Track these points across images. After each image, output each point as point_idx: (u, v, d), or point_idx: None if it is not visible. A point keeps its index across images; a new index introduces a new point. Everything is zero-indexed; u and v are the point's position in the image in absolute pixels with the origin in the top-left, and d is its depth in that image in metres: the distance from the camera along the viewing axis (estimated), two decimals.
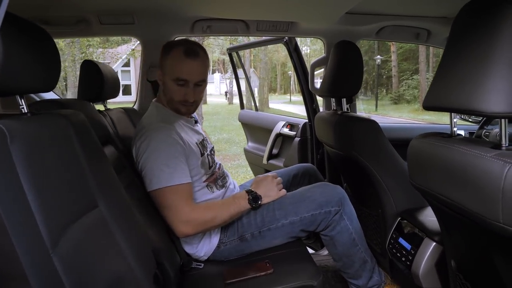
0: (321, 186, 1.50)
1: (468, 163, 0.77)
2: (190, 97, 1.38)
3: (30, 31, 0.87)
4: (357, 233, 1.47)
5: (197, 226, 1.30)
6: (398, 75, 19.94)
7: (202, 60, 1.38)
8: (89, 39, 12.26)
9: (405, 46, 19.15)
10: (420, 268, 1.31)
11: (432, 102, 0.90)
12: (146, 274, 1.05)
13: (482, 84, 0.73)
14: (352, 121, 1.56)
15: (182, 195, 1.28)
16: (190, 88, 1.37)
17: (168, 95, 1.41)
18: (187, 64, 1.34)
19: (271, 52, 21.78)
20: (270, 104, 19.46)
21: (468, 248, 1.00)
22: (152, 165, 1.28)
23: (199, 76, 1.37)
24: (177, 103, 1.40)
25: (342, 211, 1.43)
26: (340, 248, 1.46)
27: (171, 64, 1.36)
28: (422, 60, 17.83)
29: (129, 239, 1.02)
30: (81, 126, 1.01)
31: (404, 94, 19.16)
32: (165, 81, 1.39)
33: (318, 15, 1.80)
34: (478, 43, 0.76)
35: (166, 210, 1.29)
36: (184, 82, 1.36)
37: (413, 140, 1.01)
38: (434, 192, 0.92)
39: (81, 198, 0.91)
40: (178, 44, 1.37)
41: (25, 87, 0.85)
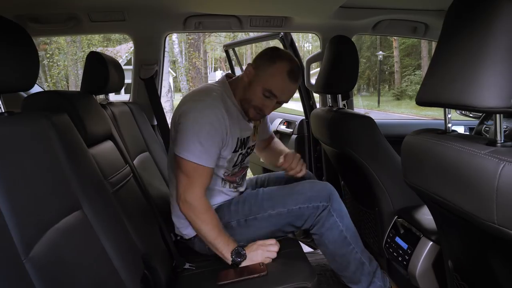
0: (310, 181, 1.48)
1: (461, 161, 0.74)
2: (267, 110, 1.40)
3: (6, 29, 0.84)
4: (349, 231, 1.42)
5: (189, 213, 1.31)
6: (400, 70, 19.87)
7: (297, 85, 1.40)
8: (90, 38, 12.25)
9: (407, 42, 19.06)
10: (417, 268, 1.27)
11: (425, 97, 0.87)
12: (132, 277, 1.02)
13: (476, 78, 0.70)
14: (347, 118, 1.53)
15: (201, 176, 1.31)
16: (272, 103, 1.38)
17: (248, 96, 1.39)
18: (286, 84, 1.36)
19: None
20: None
21: (464, 249, 0.97)
22: (189, 135, 1.29)
23: (287, 98, 1.41)
24: (252, 108, 1.40)
25: (331, 207, 1.40)
26: (331, 246, 1.42)
27: (271, 75, 1.34)
28: (425, 55, 17.74)
29: (114, 241, 1.00)
30: (64, 128, 0.99)
31: (407, 90, 19.07)
32: (254, 83, 1.37)
33: (312, 9, 1.76)
34: (472, 36, 0.73)
35: (183, 177, 1.31)
36: (271, 95, 1.36)
37: (407, 137, 0.97)
38: (428, 191, 0.89)
39: (62, 200, 0.88)
40: (285, 58, 1.36)
41: (3, 86, 0.82)
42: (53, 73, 12.48)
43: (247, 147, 1.53)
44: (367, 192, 1.59)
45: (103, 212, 1.01)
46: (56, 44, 12.23)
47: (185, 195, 1.30)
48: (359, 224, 1.84)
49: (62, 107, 1.12)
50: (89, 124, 1.19)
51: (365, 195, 1.65)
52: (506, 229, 0.65)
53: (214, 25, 1.90)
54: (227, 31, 2.35)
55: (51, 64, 12.34)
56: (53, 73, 12.49)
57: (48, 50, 12.20)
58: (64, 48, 12.65)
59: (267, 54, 1.38)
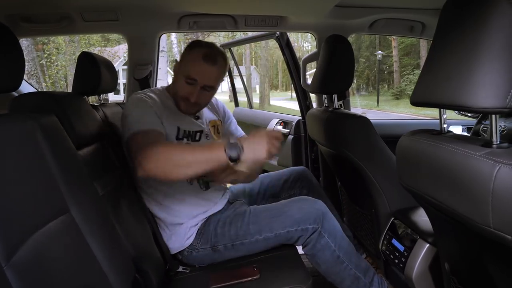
0: (299, 200, 1.41)
1: (456, 163, 0.72)
2: (192, 97, 1.38)
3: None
4: (342, 249, 1.36)
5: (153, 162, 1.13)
6: (399, 70, 19.84)
7: (217, 68, 1.39)
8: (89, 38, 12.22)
9: (406, 41, 19.04)
10: (414, 271, 1.25)
11: (419, 97, 0.85)
12: (122, 281, 1.00)
13: (470, 77, 0.68)
14: (343, 118, 1.51)
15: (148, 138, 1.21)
16: (196, 89, 1.38)
17: (175, 88, 1.43)
18: (202, 67, 1.37)
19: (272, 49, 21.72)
20: (272, 101, 19.41)
21: (461, 251, 0.95)
22: (127, 119, 1.30)
23: (209, 81, 1.39)
24: (180, 98, 1.42)
25: (321, 229, 1.33)
26: (324, 266, 1.38)
27: (188, 61, 1.39)
28: (424, 55, 17.68)
29: (103, 244, 0.98)
30: (51, 129, 0.96)
31: (406, 89, 19.03)
32: (178, 75, 1.42)
33: (307, 9, 1.74)
34: (466, 34, 0.72)
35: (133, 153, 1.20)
36: (192, 81, 1.37)
37: (401, 138, 0.96)
38: (422, 193, 0.87)
39: (48, 204, 0.86)
40: (202, 45, 1.41)
41: None
42: (51, 73, 12.45)
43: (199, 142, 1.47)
44: (364, 193, 1.57)
45: (92, 215, 0.99)
46: (54, 44, 12.19)
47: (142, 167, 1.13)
48: (356, 226, 1.82)
49: (50, 109, 1.10)
50: (78, 126, 1.17)
51: (361, 196, 1.63)
52: (502, 233, 0.63)
53: (209, 25, 1.88)
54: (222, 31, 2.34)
55: (49, 64, 12.30)
56: (51, 73, 12.46)
57: (46, 50, 12.17)
58: (63, 48, 12.62)
59: (188, 47, 1.44)
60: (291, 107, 14.76)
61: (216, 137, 1.56)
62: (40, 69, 12.04)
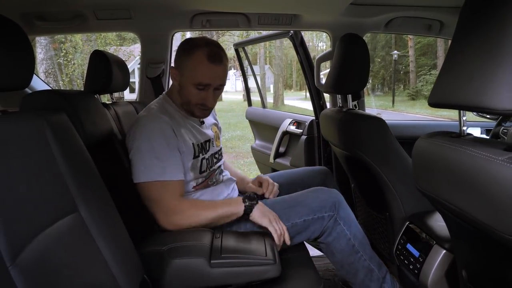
0: (315, 190, 1.42)
1: (476, 167, 0.69)
2: (209, 102, 1.34)
3: (1, 26, 0.81)
4: (357, 239, 1.37)
5: (180, 224, 1.25)
6: (415, 70, 19.56)
7: (224, 65, 1.33)
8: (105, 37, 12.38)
9: (423, 41, 18.75)
10: (429, 278, 1.21)
11: (438, 98, 0.82)
12: (131, 282, 0.99)
13: (493, 78, 0.65)
14: (357, 119, 1.47)
15: (172, 191, 1.24)
16: (210, 93, 1.33)
17: (185, 98, 1.35)
18: (211, 70, 1.29)
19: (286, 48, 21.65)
20: (286, 101, 19.35)
21: (479, 259, 0.92)
22: (143, 155, 1.24)
23: (221, 80, 1.33)
24: (194, 106, 1.35)
25: (337, 216, 1.34)
26: (339, 255, 1.37)
27: (192, 68, 1.29)
28: (441, 55, 17.41)
29: (112, 245, 0.97)
30: (60, 127, 0.96)
31: (422, 90, 18.76)
32: (183, 83, 1.33)
33: (321, 7, 1.71)
34: (488, 34, 0.68)
35: (152, 203, 1.25)
36: (205, 86, 1.31)
37: (418, 140, 0.92)
38: (440, 198, 0.84)
39: (56, 203, 0.85)
40: (200, 45, 1.29)
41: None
42: (68, 71, 12.66)
43: (212, 153, 1.46)
44: (378, 196, 1.53)
45: (101, 215, 0.98)
46: (71, 43, 12.40)
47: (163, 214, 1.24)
48: (369, 229, 1.78)
49: (60, 107, 1.10)
50: (88, 124, 1.17)
51: (375, 199, 1.59)
52: None
53: (222, 23, 1.86)
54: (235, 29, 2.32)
55: (66, 62, 12.52)
56: (68, 71, 12.67)
57: (63, 49, 12.38)
58: (80, 46, 12.81)
59: (183, 50, 1.32)
60: (305, 107, 14.70)
61: (217, 143, 1.54)
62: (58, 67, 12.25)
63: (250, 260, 1.16)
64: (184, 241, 1.21)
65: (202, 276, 1.14)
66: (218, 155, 1.52)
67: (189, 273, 1.15)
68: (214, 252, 1.16)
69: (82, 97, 1.23)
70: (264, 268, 1.15)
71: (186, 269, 1.15)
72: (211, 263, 1.13)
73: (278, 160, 2.56)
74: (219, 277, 1.15)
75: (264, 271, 1.16)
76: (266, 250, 1.19)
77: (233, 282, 1.17)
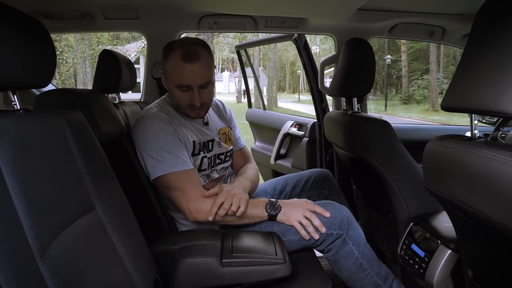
0: (324, 205, 1.40)
1: (492, 169, 0.71)
2: (196, 101, 1.32)
3: (24, 24, 0.82)
4: (365, 257, 1.36)
5: (207, 216, 1.26)
6: (408, 75, 19.76)
7: (203, 61, 1.30)
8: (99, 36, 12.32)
9: (415, 46, 18.96)
10: (435, 277, 1.24)
11: (451, 102, 0.84)
12: (146, 281, 1.00)
13: (509, 84, 0.67)
14: (363, 122, 1.50)
15: (189, 179, 1.27)
16: (195, 92, 1.32)
17: (174, 101, 1.37)
18: (187, 69, 1.28)
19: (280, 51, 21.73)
20: (279, 103, 19.41)
21: (487, 259, 0.94)
22: (151, 152, 1.26)
23: (202, 79, 1.31)
24: (185, 108, 1.36)
25: (346, 235, 1.32)
26: (346, 273, 1.37)
27: (171, 70, 1.31)
28: (433, 60, 17.62)
29: (127, 243, 0.97)
30: (78, 125, 0.96)
31: (414, 94, 18.98)
32: (169, 87, 1.36)
33: (329, 11, 1.73)
34: (506, 40, 0.70)
35: (175, 194, 1.27)
36: (187, 87, 1.31)
37: (429, 143, 0.95)
38: (452, 199, 0.86)
39: (76, 201, 0.86)
40: (176, 46, 1.29)
41: (18, 83, 0.80)
42: (62, 70, 12.57)
43: (216, 153, 1.47)
44: (382, 198, 1.55)
45: (116, 214, 0.99)
46: (65, 42, 12.31)
47: (190, 207, 1.26)
48: (371, 230, 1.81)
49: (75, 105, 1.10)
50: (102, 123, 1.18)
51: (379, 200, 1.62)
52: None
53: (229, 25, 1.88)
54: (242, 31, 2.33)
55: (60, 61, 12.42)
56: (62, 70, 12.58)
57: (57, 48, 12.30)
58: (73, 45, 12.72)
59: (163, 54, 1.34)
60: (299, 110, 14.77)
61: (227, 145, 1.54)
62: None
63: (261, 259, 1.17)
64: (195, 240, 1.23)
65: (214, 275, 1.15)
66: (224, 157, 1.52)
67: (201, 272, 1.16)
68: (225, 252, 1.18)
69: (95, 96, 1.24)
70: (275, 267, 1.17)
71: (198, 268, 1.16)
72: (223, 262, 1.15)
73: (279, 162, 2.58)
74: (230, 276, 1.16)
75: (275, 270, 1.17)
76: (276, 249, 1.21)
77: (244, 281, 1.18)
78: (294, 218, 1.31)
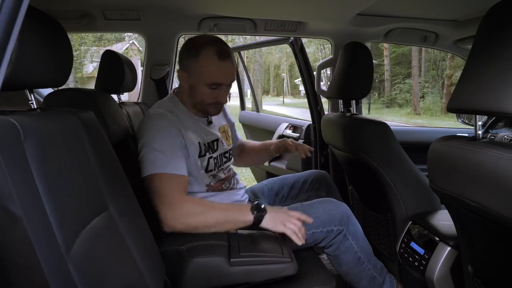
0: (325, 202, 1.43)
1: (499, 167, 0.75)
2: (223, 98, 1.34)
3: (40, 22, 0.82)
4: (363, 251, 1.42)
5: (185, 221, 1.19)
6: (390, 79, 20.07)
7: (233, 60, 1.32)
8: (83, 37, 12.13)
9: (397, 51, 19.31)
10: (435, 273, 1.28)
11: (457, 105, 0.88)
12: (156, 281, 1.00)
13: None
14: (363, 124, 1.54)
15: (175, 185, 1.20)
16: (223, 90, 1.33)
17: (197, 98, 1.34)
18: (221, 67, 1.28)
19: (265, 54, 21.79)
20: (264, 106, 19.46)
21: (489, 254, 0.98)
22: (147, 150, 1.22)
23: (233, 77, 1.33)
24: (207, 105, 1.35)
25: (346, 231, 1.37)
26: (345, 267, 1.42)
27: (202, 68, 1.27)
28: (415, 64, 17.98)
29: (139, 244, 0.97)
30: (90, 124, 0.96)
31: (396, 98, 19.29)
32: (194, 85, 1.32)
33: (328, 15, 1.77)
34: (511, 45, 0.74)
35: (155, 196, 1.19)
36: (217, 85, 1.30)
37: (434, 143, 0.98)
38: (460, 196, 0.90)
39: (92, 200, 0.86)
40: (207, 44, 1.27)
41: (36, 82, 0.80)
42: None
43: (221, 152, 1.47)
44: (380, 198, 1.59)
45: (128, 213, 0.99)
46: None
47: (167, 211, 1.17)
48: (367, 230, 1.84)
49: (86, 105, 1.10)
50: (111, 123, 1.18)
51: (377, 200, 1.66)
52: None
53: (229, 28, 1.90)
54: (242, 34, 2.35)
55: None
56: None
57: None
58: None
59: (188, 51, 1.30)
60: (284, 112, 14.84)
61: (227, 143, 1.55)
62: None
63: (268, 258, 1.18)
64: (202, 240, 1.23)
65: (222, 275, 1.16)
66: (228, 155, 1.53)
67: (209, 271, 1.16)
68: (233, 251, 1.18)
69: (102, 96, 1.23)
70: (282, 266, 1.19)
71: (206, 267, 1.17)
72: (231, 261, 1.15)
73: (273, 164, 2.60)
74: (238, 276, 1.17)
75: (282, 269, 1.19)
76: (282, 249, 1.22)
77: (252, 280, 1.19)
78: (279, 227, 1.22)
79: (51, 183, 0.69)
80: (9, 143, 0.59)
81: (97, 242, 0.81)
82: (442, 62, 18.37)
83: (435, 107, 16.54)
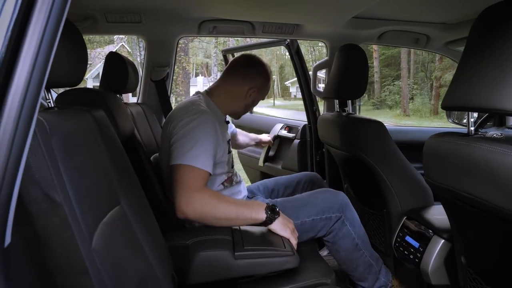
0: (323, 192, 1.54)
1: (494, 160, 0.80)
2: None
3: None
4: (360, 238, 1.50)
5: (197, 209, 1.23)
6: (380, 80, 20.25)
7: None
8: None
9: (387, 53, 19.50)
10: (430, 265, 1.34)
11: (452, 103, 0.93)
12: (165, 274, 1.04)
13: (507, 85, 0.77)
14: (360, 123, 1.59)
15: (198, 178, 1.25)
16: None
17: (240, 107, 1.54)
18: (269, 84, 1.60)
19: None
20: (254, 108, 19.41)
21: (483, 245, 1.03)
22: (184, 141, 1.27)
23: None
24: (238, 113, 1.58)
25: (344, 217, 1.46)
26: (343, 253, 1.49)
27: (266, 86, 1.56)
28: (404, 66, 18.19)
29: (149, 238, 1.01)
30: (103, 122, 1.00)
31: (386, 100, 19.47)
32: (255, 99, 1.55)
33: (325, 18, 1.83)
34: (504, 42, 0.79)
35: (177, 183, 1.24)
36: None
37: (429, 139, 1.04)
38: (454, 189, 0.95)
39: (107, 195, 0.90)
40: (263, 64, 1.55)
41: (53, 81, 0.83)
42: None
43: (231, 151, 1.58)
44: (375, 194, 1.65)
45: (138, 208, 1.02)
46: None
47: (182, 197, 1.22)
48: (363, 226, 1.90)
49: (97, 104, 1.13)
50: (120, 122, 1.21)
51: (372, 197, 1.72)
52: None
53: (228, 30, 1.94)
54: (240, 36, 2.39)
55: None
56: None
57: None
58: None
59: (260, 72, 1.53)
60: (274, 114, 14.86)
61: None
62: None
63: (271, 252, 1.23)
64: (207, 235, 1.27)
65: (227, 268, 1.20)
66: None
67: (215, 265, 1.20)
68: (237, 245, 1.22)
69: (111, 96, 1.27)
70: (284, 259, 1.23)
71: (212, 261, 1.20)
72: (236, 255, 1.19)
73: (268, 164, 2.64)
74: (242, 268, 1.21)
75: (284, 262, 1.23)
76: (284, 242, 1.27)
77: (255, 272, 1.23)
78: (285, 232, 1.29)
79: (74, 178, 0.73)
80: (42, 138, 0.63)
81: (113, 234, 0.85)
82: (431, 64, 18.63)
83: (424, 109, 16.76)
